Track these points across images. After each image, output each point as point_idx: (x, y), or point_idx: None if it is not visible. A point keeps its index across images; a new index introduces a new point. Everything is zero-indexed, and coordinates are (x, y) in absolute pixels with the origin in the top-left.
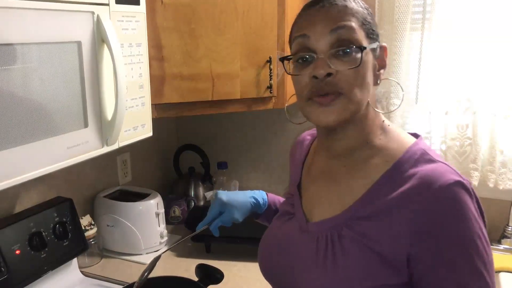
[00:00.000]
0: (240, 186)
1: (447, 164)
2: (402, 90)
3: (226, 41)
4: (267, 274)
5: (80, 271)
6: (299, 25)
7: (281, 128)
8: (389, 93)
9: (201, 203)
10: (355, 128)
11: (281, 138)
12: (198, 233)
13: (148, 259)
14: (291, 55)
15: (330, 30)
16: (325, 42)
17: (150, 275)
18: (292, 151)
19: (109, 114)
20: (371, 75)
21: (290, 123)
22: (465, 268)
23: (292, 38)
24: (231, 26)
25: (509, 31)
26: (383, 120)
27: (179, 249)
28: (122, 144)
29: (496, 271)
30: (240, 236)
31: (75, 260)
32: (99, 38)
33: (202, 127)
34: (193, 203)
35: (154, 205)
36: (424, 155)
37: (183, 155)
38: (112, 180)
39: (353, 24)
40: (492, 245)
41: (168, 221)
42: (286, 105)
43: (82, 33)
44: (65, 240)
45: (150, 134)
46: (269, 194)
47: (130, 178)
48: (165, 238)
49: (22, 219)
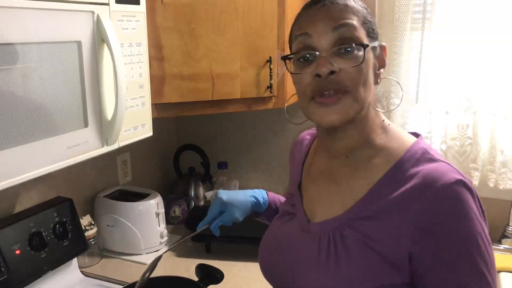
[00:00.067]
0: (240, 186)
1: (448, 163)
2: (402, 89)
3: (226, 41)
4: (268, 274)
5: (80, 271)
6: (300, 24)
7: (281, 128)
8: (389, 92)
9: (201, 203)
10: (356, 127)
11: (281, 138)
12: (198, 232)
13: (148, 259)
14: (292, 54)
15: (332, 28)
16: (327, 40)
17: (151, 275)
18: (292, 151)
19: (109, 114)
20: (372, 74)
21: (290, 123)
22: (466, 268)
23: (293, 37)
24: (231, 26)
25: (509, 30)
26: (383, 119)
27: (179, 249)
28: (122, 144)
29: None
30: (240, 236)
31: (75, 260)
32: (99, 38)
33: (202, 127)
34: (193, 203)
35: (154, 205)
36: (425, 154)
37: (183, 155)
38: (112, 180)
39: (354, 23)
40: (492, 245)
41: (168, 221)
42: (286, 105)
43: (82, 33)
44: (65, 240)
45: (150, 134)
46: (269, 193)
47: (130, 178)
48: (165, 238)
49: (22, 219)
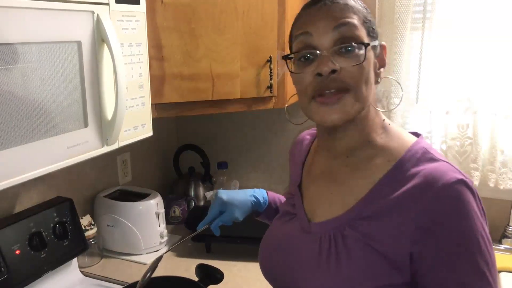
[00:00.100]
0: (240, 186)
1: (449, 163)
2: (402, 89)
3: (226, 41)
4: (268, 274)
5: (80, 271)
6: (300, 23)
7: (281, 128)
8: (389, 92)
9: (201, 203)
10: (356, 127)
11: (281, 138)
12: (199, 232)
13: (148, 259)
14: (293, 53)
15: (333, 27)
16: (328, 39)
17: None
18: (291, 150)
19: (109, 113)
20: (373, 73)
21: (290, 123)
22: (467, 268)
23: (293, 37)
24: (231, 26)
25: (509, 30)
26: (384, 119)
27: (179, 249)
28: (122, 144)
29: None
30: (241, 236)
31: (75, 260)
32: (99, 38)
33: (202, 127)
34: (193, 203)
35: (154, 205)
36: (426, 154)
37: (183, 155)
38: (112, 180)
39: (355, 22)
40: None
41: (168, 221)
42: (286, 106)
43: (82, 33)
44: (65, 240)
45: (150, 134)
46: (269, 192)
47: (130, 178)
48: (165, 238)
49: (22, 219)
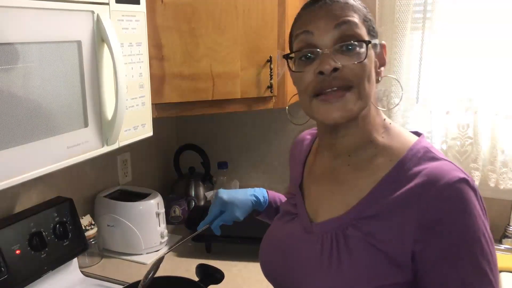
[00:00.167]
0: (240, 186)
1: (451, 162)
2: (402, 88)
3: (226, 40)
4: (269, 274)
5: (80, 271)
6: (301, 22)
7: (281, 127)
8: (390, 92)
9: (202, 203)
10: (357, 126)
11: (282, 137)
12: (199, 232)
13: (148, 259)
14: (294, 52)
15: (334, 25)
16: (329, 37)
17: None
18: (292, 150)
19: (109, 113)
20: (374, 71)
21: (290, 123)
22: (469, 267)
23: (294, 36)
24: (231, 25)
25: (510, 30)
26: (384, 118)
27: (179, 249)
28: (122, 143)
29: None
30: (241, 236)
31: (75, 260)
32: (99, 38)
33: (202, 127)
34: (193, 203)
35: (154, 205)
36: (428, 153)
37: (183, 155)
38: (112, 180)
39: (356, 20)
40: None
41: (168, 221)
42: (287, 106)
43: (82, 33)
44: (65, 240)
45: (151, 133)
46: (269, 192)
47: (130, 178)
48: (166, 238)
49: (22, 219)
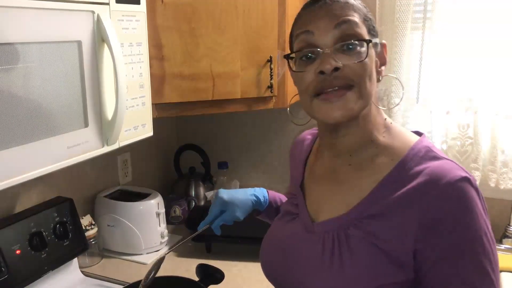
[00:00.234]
0: (240, 186)
1: (452, 161)
2: (403, 87)
3: (226, 40)
4: (270, 274)
5: (81, 271)
6: (301, 22)
7: (281, 127)
8: (390, 92)
9: (202, 203)
10: (358, 125)
11: (282, 137)
12: (199, 232)
13: (148, 259)
14: (295, 52)
15: (335, 25)
16: (329, 37)
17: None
18: (292, 150)
19: (109, 113)
20: (375, 70)
21: (290, 123)
22: (470, 265)
23: (294, 36)
24: (231, 25)
25: (510, 30)
26: (385, 118)
27: (179, 249)
28: (122, 143)
29: None
30: (241, 236)
31: (75, 260)
32: (99, 38)
33: (203, 127)
34: (193, 203)
35: (154, 205)
36: (429, 152)
37: (183, 155)
38: (112, 180)
39: (356, 19)
40: None
41: (168, 221)
42: (288, 107)
43: (82, 33)
44: (65, 240)
45: (151, 133)
46: (269, 191)
47: (131, 178)
48: (166, 238)
49: (22, 219)
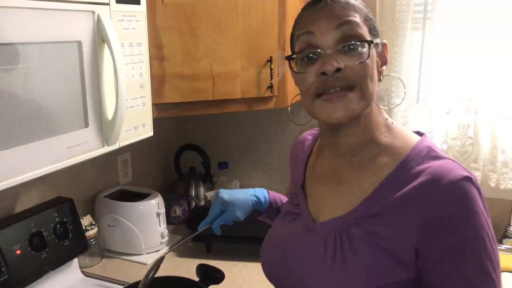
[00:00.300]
0: (240, 186)
1: (454, 160)
2: (404, 87)
3: (226, 40)
4: (271, 275)
5: (81, 271)
6: (302, 23)
7: (281, 127)
8: (390, 92)
9: (202, 203)
10: (359, 125)
11: (282, 137)
12: (200, 232)
13: (149, 259)
14: (296, 53)
15: (336, 25)
16: (331, 38)
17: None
18: (293, 151)
19: (109, 113)
20: (376, 70)
21: (290, 123)
22: (472, 265)
23: (295, 37)
24: (231, 25)
25: (510, 30)
26: (387, 118)
27: (179, 249)
28: (122, 144)
29: None
30: (241, 236)
31: (75, 260)
32: (100, 38)
33: (203, 127)
34: (194, 203)
35: (154, 205)
36: (431, 152)
37: (183, 155)
38: (112, 180)
39: (357, 20)
40: None
41: (169, 221)
42: (289, 107)
43: (83, 33)
44: (65, 240)
45: (151, 134)
46: (270, 192)
47: (131, 178)
48: (166, 238)
49: (22, 219)
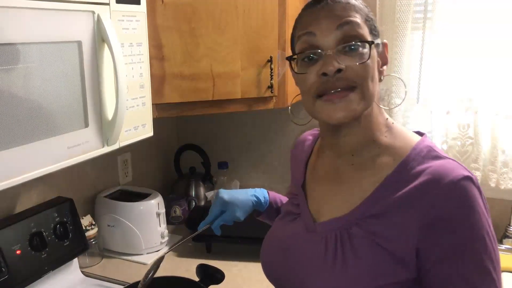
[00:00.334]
0: (241, 186)
1: (454, 160)
2: (405, 86)
3: (226, 40)
4: (271, 275)
5: (81, 271)
6: (303, 23)
7: (281, 127)
8: (391, 92)
9: (202, 203)
10: (360, 125)
11: (282, 137)
12: (200, 232)
13: (149, 259)
14: (297, 54)
15: (337, 26)
16: (332, 38)
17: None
18: (293, 151)
19: (109, 114)
20: (376, 70)
21: (290, 123)
22: (472, 264)
23: (296, 37)
24: (231, 25)
25: (510, 30)
26: (387, 118)
27: (180, 249)
28: (122, 144)
29: None
30: (241, 236)
31: (75, 260)
32: (100, 38)
33: (203, 127)
34: (194, 203)
35: (154, 205)
36: (431, 152)
37: (183, 155)
38: (112, 180)
39: (358, 20)
40: None
41: (169, 221)
42: (290, 107)
43: (83, 33)
44: (65, 240)
45: (151, 134)
46: (270, 192)
47: (131, 178)
48: (166, 238)
49: (22, 219)
